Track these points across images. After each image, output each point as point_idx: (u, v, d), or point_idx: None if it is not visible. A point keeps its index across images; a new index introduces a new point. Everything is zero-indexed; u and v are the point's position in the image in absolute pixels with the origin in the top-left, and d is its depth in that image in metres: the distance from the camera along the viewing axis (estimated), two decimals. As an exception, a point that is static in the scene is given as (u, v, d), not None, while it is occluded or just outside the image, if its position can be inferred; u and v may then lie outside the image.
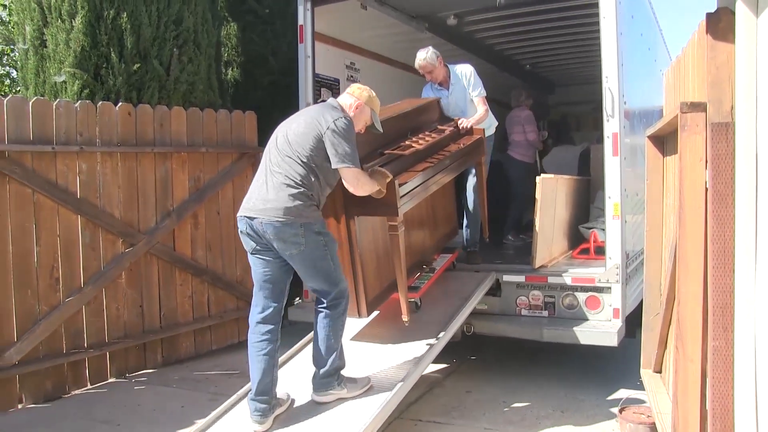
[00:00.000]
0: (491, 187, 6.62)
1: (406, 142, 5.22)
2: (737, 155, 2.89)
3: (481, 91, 6.28)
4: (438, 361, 5.97)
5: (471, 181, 6.41)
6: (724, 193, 2.92)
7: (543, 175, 6.19)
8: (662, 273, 4.59)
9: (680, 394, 3.36)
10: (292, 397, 4.44)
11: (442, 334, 5.10)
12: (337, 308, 4.33)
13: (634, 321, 5.77)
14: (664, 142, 4.63)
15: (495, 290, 6.10)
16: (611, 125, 5.62)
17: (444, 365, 6.46)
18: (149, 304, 6.50)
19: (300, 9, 6.82)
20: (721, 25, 2.97)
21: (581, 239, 7.11)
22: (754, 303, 2.84)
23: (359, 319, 5.02)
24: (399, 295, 4.82)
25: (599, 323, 5.71)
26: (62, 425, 5.20)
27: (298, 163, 4.08)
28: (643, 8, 7.13)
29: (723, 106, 2.95)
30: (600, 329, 5.61)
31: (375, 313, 5.27)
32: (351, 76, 7.75)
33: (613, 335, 5.51)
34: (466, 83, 6.29)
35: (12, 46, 12.22)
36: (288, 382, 4.57)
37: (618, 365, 6.28)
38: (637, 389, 5.25)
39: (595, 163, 8.19)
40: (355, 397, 4.38)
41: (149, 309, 6.50)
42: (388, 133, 4.97)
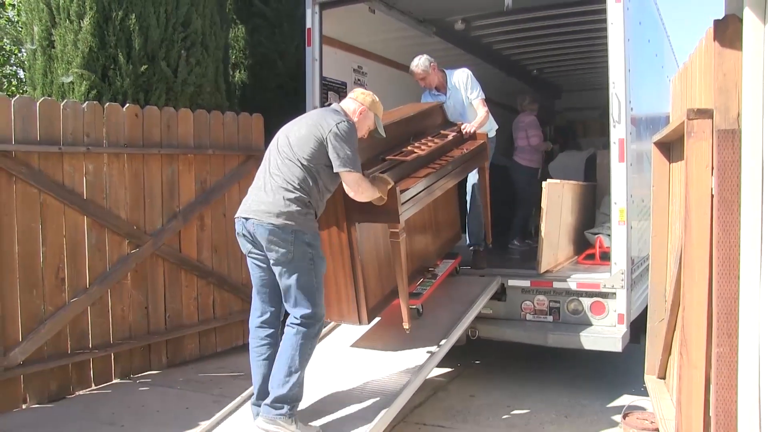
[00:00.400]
0: (497, 191, 6.62)
1: (408, 147, 5.19)
2: (743, 162, 2.90)
3: (479, 93, 6.27)
4: (442, 365, 5.97)
5: (474, 185, 6.40)
6: (729, 199, 2.92)
7: (549, 181, 6.19)
8: (667, 279, 4.58)
9: (684, 401, 3.35)
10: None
11: (446, 339, 5.08)
12: (311, 329, 4.07)
13: (638, 327, 5.75)
14: (671, 148, 4.63)
15: (500, 295, 6.10)
16: (618, 131, 5.61)
17: (448, 369, 6.45)
18: (154, 305, 6.51)
19: (308, 12, 6.84)
20: (728, 32, 2.97)
21: (587, 245, 7.10)
22: (759, 310, 2.84)
23: (360, 326, 4.97)
24: (400, 302, 4.79)
25: (604, 329, 5.71)
26: (66, 426, 5.20)
27: (297, 167, 4.04)
28: (651, 15, 7.13)
29: (730, 113, 2.95)
30: (604, 335, 5.61)
31: (377, 319, 5.22)
32: (358, 79, 7.76)
33: (617, 341, 5.51)
34: (464, 87, 6.28)
35: (20, 47, 12.27)
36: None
37: (622, 371, 6.28)
38: (641, 395, 5.24)
39: (601, 169, 8.18)
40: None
41: (154, 310, 6.51)
42: (390, 138, 4.94)
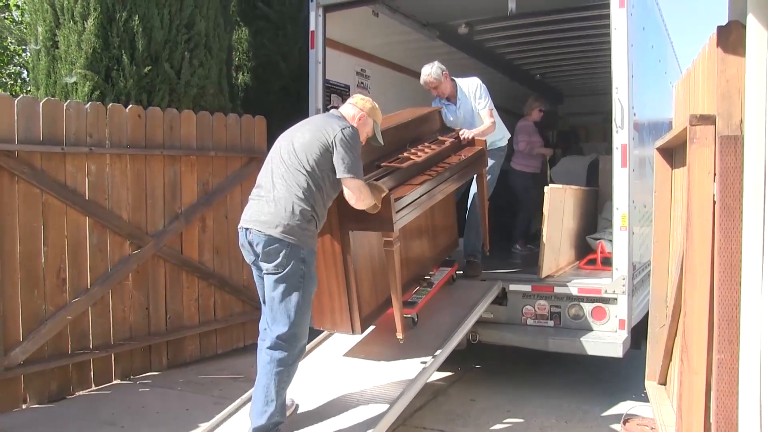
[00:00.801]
0: (497, 197, 6.61)
1: (405, 153, 5.11)
2: (746, 169, 2.89)
3: (488, 103, 6.21)
4: (443, 369, 5.97)
5: (472, 193, 6.36)
6: (731, 206, 2.92)
7: (551, 186, 6.18)
8: (668, 285, 4.58)
9: (685, 407, 3.35)
10: (296, 402, 4.42)
11: (447, 342, 5.07)
12: (287, 354, 3.95)
13: (639, 332, 5.75)
14: (673, 154, 4.63)
15: (501, 299, 6.09)
16: (620, 136, 5.61)
17: (449, 373, 6.45)
18: (155, 306, 6.51)
19: (312, 15, 6.85)
20: (731, 38, 2.97)
21: (588, 250, 7.10)
22: (760, 316, 2.84)
23: (353, 335, 4.88)
24: (394, 311, 4.72)
25: (605, 334, 5.70)
26: (66, 426, 5.20)
27: (302, 174, 3.97)
28: (655, 20, 7.13)
29: (732, 119, 2.95)
30: (605, 340, 5.60)
31: (371, 327, 5.18)
32: (361, 82, 7.77)
33: (618, 346, 5.50)
34: (473, 96, 6.21)
35: (24, 47, 12.30)
36: (292, 387, 4.56)
37: (623, 376, 6.27)
38: (642, 401, 5.23)
39: (603, 174, 8.19)
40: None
41: (155, 311, 6.51)
42: (386, 144, 4.86)
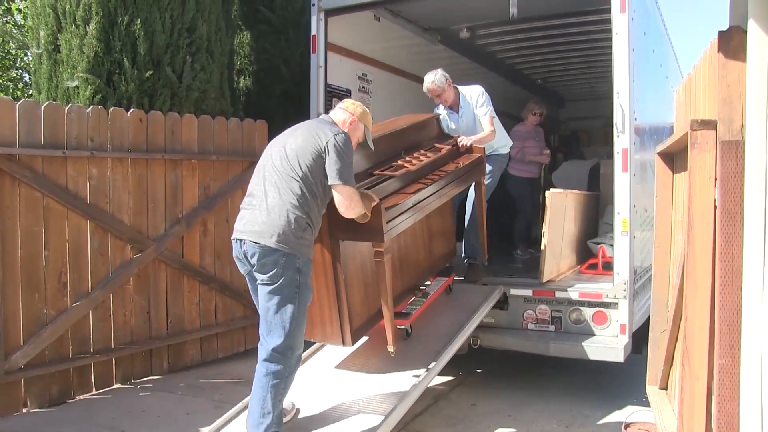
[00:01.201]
0: (497, 201, 6.60)
1: (399, 161, 5.01)
2: (747, 173, 2.89)
3: (489, 111, 6.16)
4: (444, 374, 5.96)
5: (470, 201, 6.34)
6: (733, 211, 2.92)
7: (552, 190, 6.18)
8: (670, 290, 4.57)
9: (686, 412, 3.34)
10: (297, 406, 4.41)
11: (448, 347, 5.06)
12: (283, 367, 3.94)
13: (640, 337, 5.74)
14: (674, 159, 4.63)
15: (502, 304, 6.09)
16: (621, 141, 5.61)
17: (450, 378, 6.44)
18: (156, 310, 6.51)
19: (313, 19, 6.87)
20: (732, 43, 2.97)
21: (589, 254, 7.10)
22: (762, 321, 2.83)
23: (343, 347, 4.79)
24: (385, 324, 4.61)
25: (606, 339, 5.70)
26: (67, 430, 5.20)
27: (296, 181, 3.91)
28: (656, 25, 7.14)
29: (733, 124, 2.95)
30: (606, 345, 5.60)
31: (364, 338, 5.10)
32: (363, 87, 7.78)
33: (619, 351, 5.50)
34: (475, 104, 6.18)
35: (26, 51, 12.31)
36: (293, 391, 4.56)
37: (624, 381, 6.27)
38: (643, 405, 5.24)
39: (604, 179, 8.19)
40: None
41: (156, 315, 6.51)
42: (380, 152, 4.82)
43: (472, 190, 6.30)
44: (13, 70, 13.12)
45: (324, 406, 4.50)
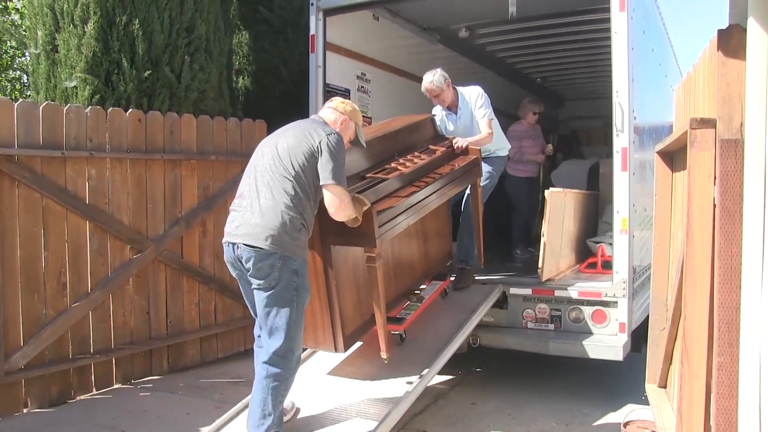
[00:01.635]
0: (496, 200, 6.58)
1: (392, 164, 4.91)
2: (746, 172, 2.89)
3: (488, 113, 6.11)
4: (443, 373, 5.97)
5: (466, 203, 6.26)
6: (732, 209, 2.92)
7: (552, 189, 6.18)
8: (669, 288, 4.57)
9: (685, 410, 3.34)
10: (297, 406, 4.40)
11: (447, 346, 5.05)
12: (284, 368, 3.93)
13: (639, 336, 5.75)
14: (674, 157, 4.63)
15: (502, 303, 6.09)
16: (621, 140, 5.61)
17: (449, 377, 6.45)
18: (156, 310, 6.51)
19: (312, 19, 6.86)
20: (732, 42, 2.97)
21: (589, 253, 7.10)
22: (760, 319, 2.83)
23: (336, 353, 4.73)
24: (378, 330, 4.53)
25: (605, 337, 5.70)
26: (67, 430, 5.20)
27: (289, 181, 3.87)
28: (655, 24, 7.14)
29: (733, 122, 2.95)
30: (606, 343, 5.61)
31: (359, 343, 5.06)
32: (362, 86, 7.77)
33: (618, 349, 5.51)
34: (474, 105, 6.13)
35: (24, 50, 12.30)
36: (293, 391, 4.56)
37: (623, 379, 6.27)
38: (642, 404, 5.23)
39: (603, 178, 8.20)
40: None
41: (156, 316, 6.51)
42: (374, 154, 4.77)
43: (464, 202, 6.25)
44: (11, 70, 13.12)
45: (317, 411, 4.47)
